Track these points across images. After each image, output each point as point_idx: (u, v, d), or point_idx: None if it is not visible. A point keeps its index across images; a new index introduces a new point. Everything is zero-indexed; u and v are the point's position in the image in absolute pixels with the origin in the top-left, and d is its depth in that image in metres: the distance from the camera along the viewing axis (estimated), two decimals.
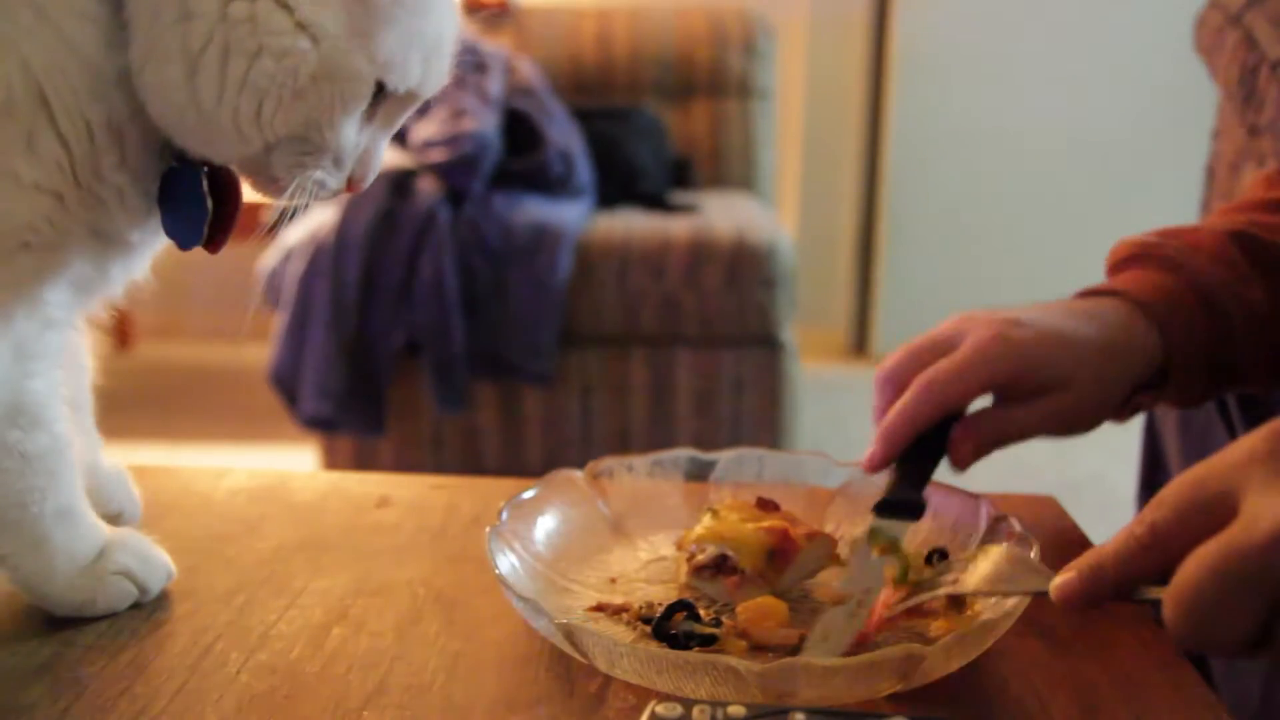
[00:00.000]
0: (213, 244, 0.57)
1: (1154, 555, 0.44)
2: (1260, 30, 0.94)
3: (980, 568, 0.54)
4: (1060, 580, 0.47)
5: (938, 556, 0.59)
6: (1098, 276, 0.74)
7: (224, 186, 0.57)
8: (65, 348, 0.57)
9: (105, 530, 0.59)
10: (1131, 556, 0.45)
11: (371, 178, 0.58)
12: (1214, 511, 0.42)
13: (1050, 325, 0.66)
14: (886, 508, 0.60)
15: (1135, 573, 0.45)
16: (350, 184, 0.57)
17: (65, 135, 0.50)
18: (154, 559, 0.60)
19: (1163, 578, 0.43)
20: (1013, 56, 3.23)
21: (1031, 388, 0.65)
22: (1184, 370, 0.68)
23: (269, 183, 0.55)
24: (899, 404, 0.63)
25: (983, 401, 0.66)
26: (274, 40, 0.50)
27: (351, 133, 0.54)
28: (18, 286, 0.52)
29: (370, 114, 0.55)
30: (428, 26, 0.54)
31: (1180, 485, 0.44)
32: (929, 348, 0.66)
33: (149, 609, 0.59)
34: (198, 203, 0.55)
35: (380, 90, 0.54)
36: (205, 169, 0.55)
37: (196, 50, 0.49)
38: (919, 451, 0.63)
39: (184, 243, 0.56)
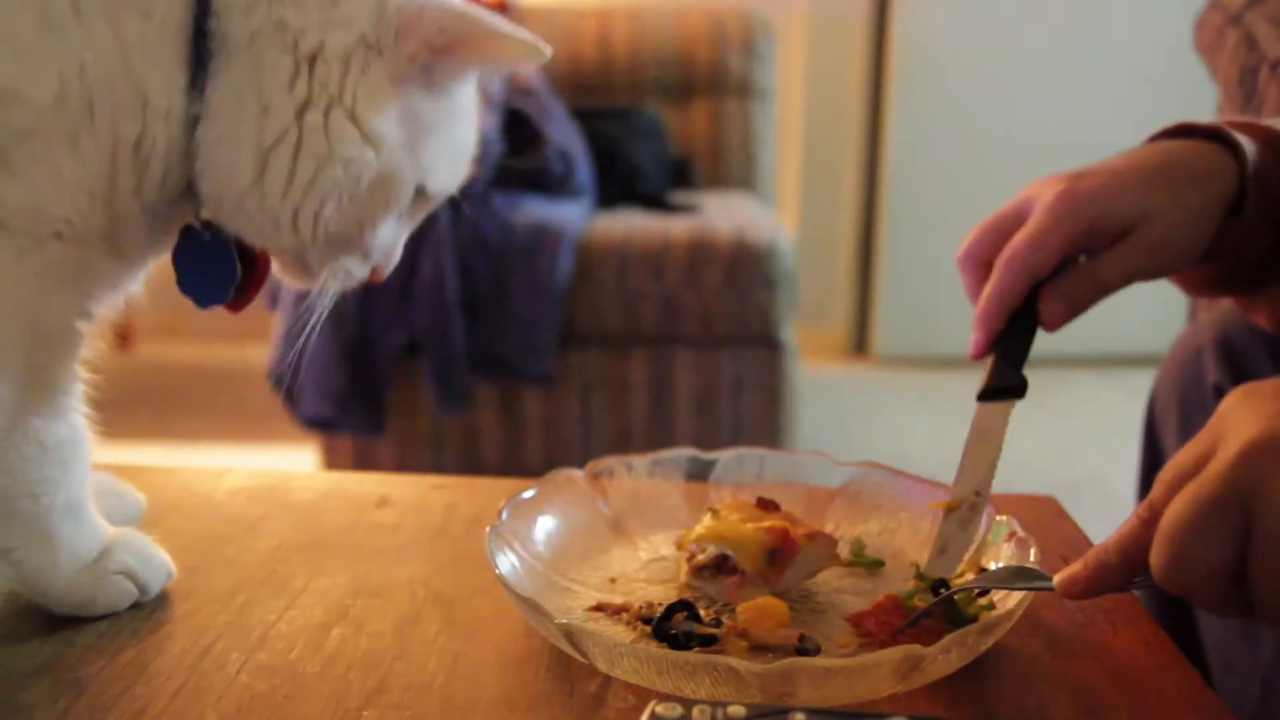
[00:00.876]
0: (238, 305, 0.60)
1: (1151, 530, 0.45)
2: (1260, 30, 0.94)
3: (989, 578, 0.55)
4: (1065, 573, 0.48)
5: (942, 588, 0.57)
6: None
7: (250, 250, 0.59)
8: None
9: (108, 529, 0.59)
10: (1132, 534, 0.46)
11: (392, 267, 0.64)
12: (1198, 470, 0.43)
13: (1119, 165, 0.65)
14: (990, 394, 0.62)
15: (1137, 551, 0.45)
16: (373, 273, 0.62)
17: (100, 144, 0.52)
18: (155, 559, 0.60)
19: None
20: (1013, 56, 3.22)
21: (1114, 230, 0.64)
22: (1260, 191, 0.65)
23: (301, 270, 0.59)
24: (987, 288, 0.64)
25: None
26: (343, 148, 0.54)
27: (388, 231, 0.60)
28: (47, 274, 0.53)
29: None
30: (459, 135, 0.61)
31: (1170, 463, 0.45)
32: (1002, 221, 0.67)
33: (149, 609, 0.59)
34: (226, 267, 0.58)
35: (418, 193, 0.59)
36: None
37: (268, 145, 0.53)
38: (1014, 329, 0.64)
39: (204, 302, 0.59)
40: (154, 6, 0.51)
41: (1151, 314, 2.82)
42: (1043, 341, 0.65)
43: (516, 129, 2.35)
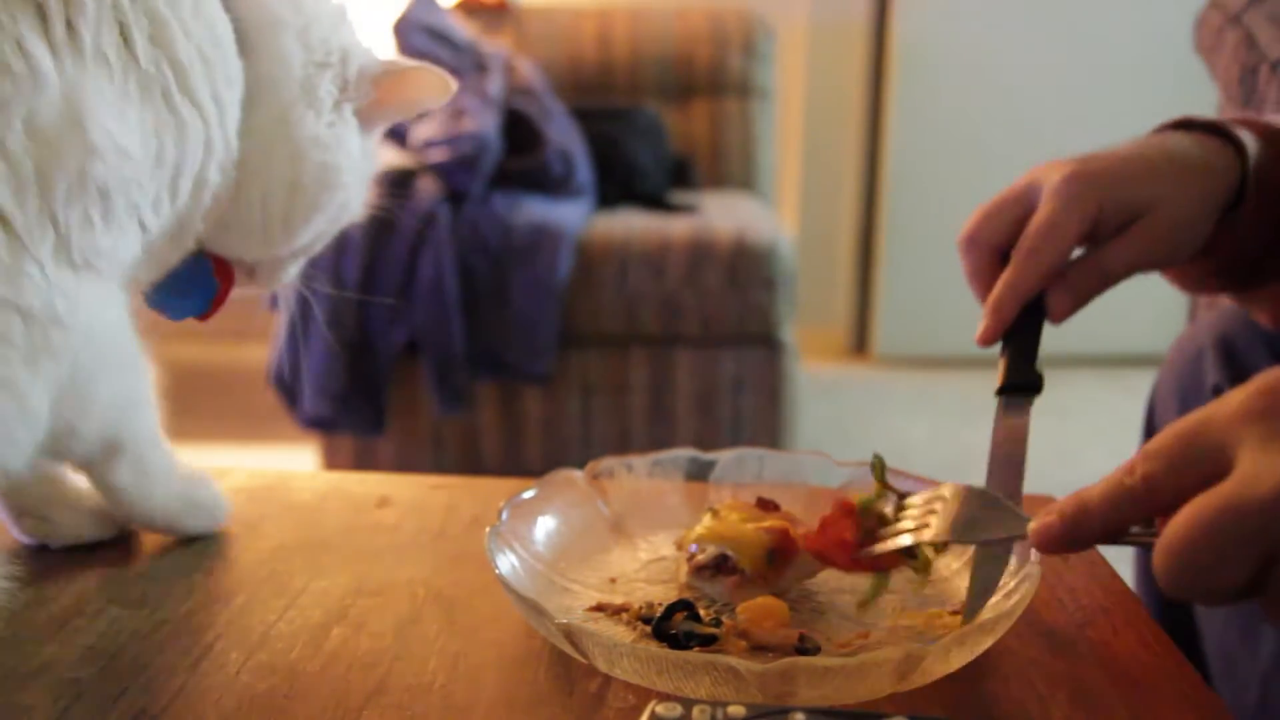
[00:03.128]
0: (208, 315, 0.68)
1: (1143, 507, 0.44)
2: (1260, 30, 0.94)
3: (948, 511, 0.53)
4: (1040, 523, 0.46)
5: (905, 509, 0.56)
6: None
7: (217, 267, 0.68)
8: None
9: (182, 461, 0.68)
10: (1121, 505, 0.44)
11: None
12: (1206, 466, 0.41)
13: (1125, 152, 0.65)
14: (1008, 390, 0.62)
15: (1122, 520, 0.44)
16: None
17: (179, 195, 0.58)
18: (219, 490, 0.70)
19: (1147, 523, 0.44)
20: (1013, 57, 3.22)
21: (1121, 216, 0.64)
22: (1260, 186, 0.65)
23: (249, 276, 0.69)
24: (1005, 275, 0.64)
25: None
26: (337, 177, 0.65)
27: None
28: (126, 231, 0.56)
29: None
30: (371, 169, 0.72)
31: (1172, 438, 0.43)
32: (1005, 205, 0.66)
33: (149, 609, 0.59)
34: (204, 281, 0.67)
35: None
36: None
37: (296, 178, 0.64)
38: (1025, 322, 0.64)
39: (178, 315, 0.67)
40: (233, 76, 0.59)
41: (1151, 314, 2.82)
42: (1043, 341, 0.65)
43: (516, 129, 2.35)
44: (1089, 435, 2.70)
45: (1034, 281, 0.64)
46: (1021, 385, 0.62)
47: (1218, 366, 0.82)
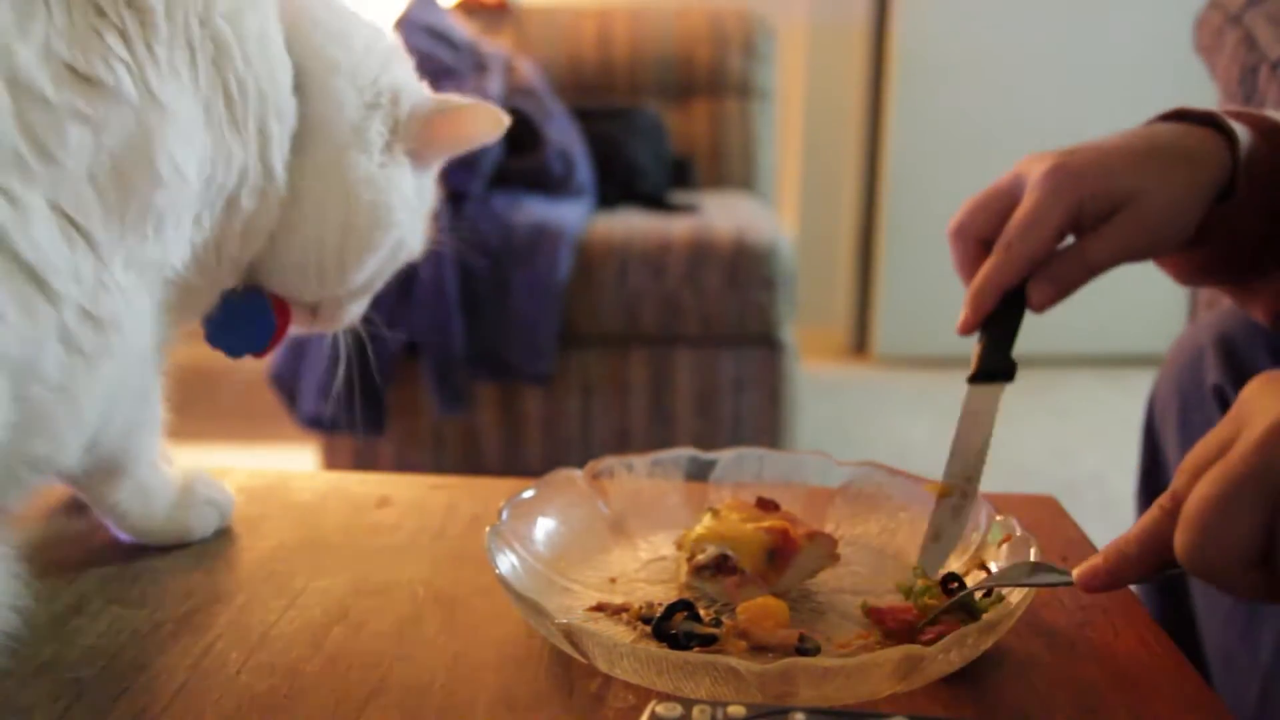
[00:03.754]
0: (265, 352, 0.70)
1: (1174, 520, 0.44)
2: (1260, 30, 0.94)
3: (1006, 575, 0.55)
4: (1086, 566, 0.49)
5: (955, 583, 0.56)
6: None
7: (275, 305, 0.70)
8: None
9: (176, 472, 0.68)
10: (1154, 526, 0.46)
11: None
12: (1224, 453, 0.43)
13: (1108, 144, 0.66)
14: (980, 378, 0.63)
15: (1159, 543, 0.45)
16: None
17: (220, 217, 0.60)
18: (223, 487, 0.71)
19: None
20: (1013, 57, 3.22)
21: (1103, 208, 0.64)
22: (1252, 175, 0.65)
23: (313, 316, 0.71)
24: (984, 267, 0.65)
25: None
26: (392, 215, 0.67)
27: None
28: (159, 306, 0.58)
29: None
30: (428, 205, 0.73)
31: (1192, 453, 0.45)
32: (992, 197, 0.67)
33: (149, 609, 0.59)
34: (263, 319, 0.69)
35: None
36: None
37: (348, 219, 0.65)
38: (1003, 312, 0.65)
39: (238, 353, 0.69)
40: (284, 111, 0.61)
41: (1151, 314, 2.82)
42: (1043, 341, 0.65)
43: (516, 129, 2.35)
44: (1088, 435, 2.70)
45: (1013, 272, 0.64)
46: (993, 372, 0.63)
47: (1218, 366, 0.82)
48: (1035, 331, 0.68)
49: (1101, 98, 3.17)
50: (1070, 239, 0.66)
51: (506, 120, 0.70)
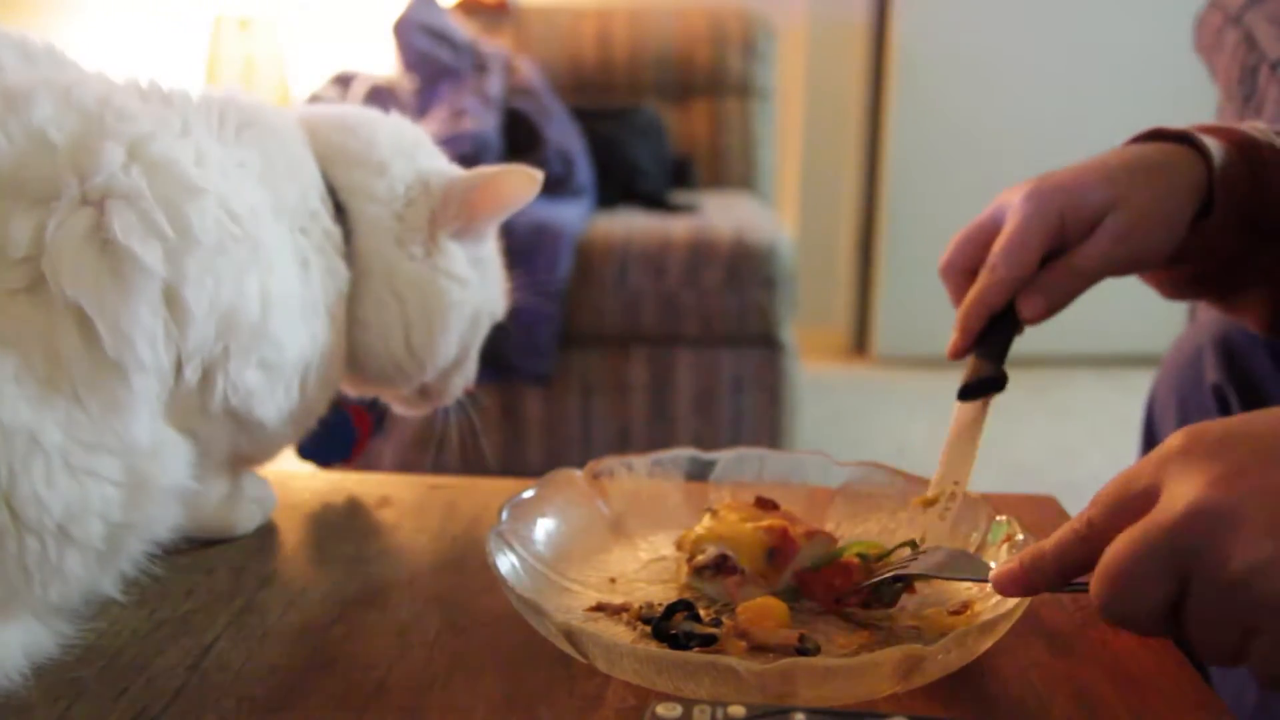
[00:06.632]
0: (351, 460, 0.76)
1: (1088, 547, 0.47)
2: (1260, 30, 0.94)
3: (929, 559, 0.56)
4: (1002, 569, 0.51)
5: (910, 546, 0.59)
6: None
7: (355, 416, 0.77)
8: None
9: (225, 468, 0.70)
10: (1069, 547, 0.48)
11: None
12: (1140, 505, 0.45)
13: (1084, 164, 0.67)
14: (967, 392, 0.65)
15: (1072, 563, 0.48)
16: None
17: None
18: (267, 485, 0.72)
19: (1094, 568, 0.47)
20: (1013, 57, 3.22)
21: (1084, 221, 0.65)
22: (1226, 188, 0.66)
23: (422, 400, 0.77)
24: (972, 291, 0.66)
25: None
26: (450, 296, 0.71)
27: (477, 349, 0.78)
28: None
29: None
30: (499, 266, 0.80)
31: (1113, 485, 0.48)
32: (976, 232, 0.69)
33: (149, 608, 0.59)
34: (345, 429, 0.75)
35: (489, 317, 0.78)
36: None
37: (407, 311, 0.69)
38: (994, 326, 0.66)
39: (328, 463, 0.75)
40: (339, 271, 0.66)
41: (1151, 314, 2.82)
42: (1043, 342, 0.65)
43: (516, 129, 2.35)
44: (1089, 435, 2.70)
45: (999, 294, 0.66)
46: (983, 384, 0.65)
47: (1217, 366, 0.82)
48: (1036, 331, 0.69)
49: (1101, 97, 3.17)
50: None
51: (539, 177, 0.72)
